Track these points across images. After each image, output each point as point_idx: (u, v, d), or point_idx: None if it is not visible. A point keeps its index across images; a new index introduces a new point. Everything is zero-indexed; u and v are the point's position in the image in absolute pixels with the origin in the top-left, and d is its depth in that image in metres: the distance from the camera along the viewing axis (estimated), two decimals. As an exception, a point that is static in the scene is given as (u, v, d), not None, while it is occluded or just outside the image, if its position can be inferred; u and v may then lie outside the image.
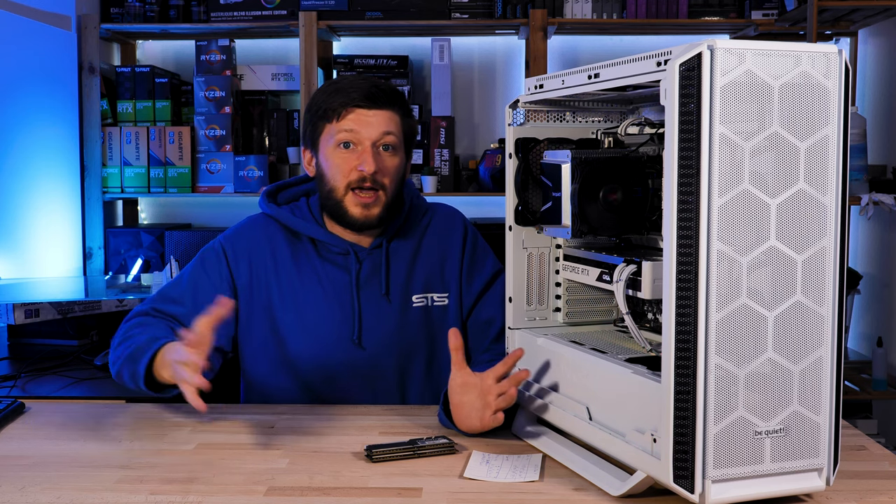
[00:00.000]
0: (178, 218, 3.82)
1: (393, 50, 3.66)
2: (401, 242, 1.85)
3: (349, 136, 1.74)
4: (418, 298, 1.84)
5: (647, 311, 1.52)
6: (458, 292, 1.87)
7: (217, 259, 1.83)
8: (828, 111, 1.20)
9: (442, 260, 1.87)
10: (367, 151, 1.74)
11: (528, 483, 1.36)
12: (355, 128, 1.74)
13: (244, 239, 1.84)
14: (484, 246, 1.92)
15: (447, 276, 1.87)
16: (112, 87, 3.57)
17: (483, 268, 1.88)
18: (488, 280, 1.87)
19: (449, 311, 1.86)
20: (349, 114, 1.74)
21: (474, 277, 1.87)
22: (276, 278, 1.81)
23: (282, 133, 3.60)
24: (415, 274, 1.85)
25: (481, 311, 1.86)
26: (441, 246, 1.88)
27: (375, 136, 1.74)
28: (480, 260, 1.89)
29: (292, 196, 1.91)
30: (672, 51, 1.18)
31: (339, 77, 1.80)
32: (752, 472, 1.20)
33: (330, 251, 1.82)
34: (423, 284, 1.85)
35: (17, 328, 2.61)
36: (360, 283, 1.81)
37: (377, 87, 1.76)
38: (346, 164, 1.75)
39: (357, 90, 1.74)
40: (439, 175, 3.47)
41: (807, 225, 1.20)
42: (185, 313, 1.77)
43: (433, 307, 1.85)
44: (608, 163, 1.47)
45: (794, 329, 1.21)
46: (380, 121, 1.75)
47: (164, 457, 1.49)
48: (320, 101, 1.77)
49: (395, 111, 1.77)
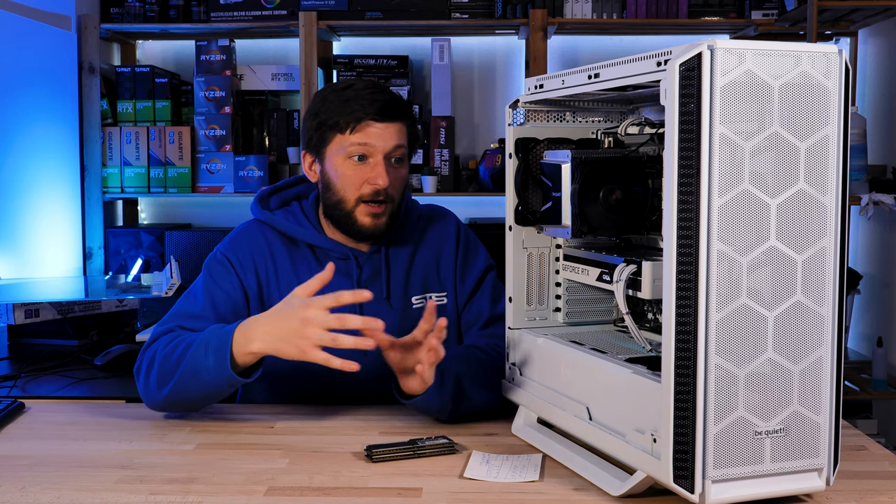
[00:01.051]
0: (178, 218, 3.82)
1: (393, 50, 3.66)
2: (398, 246, 1.85)
3: (363, 149, 1.73)
4: (417, 300, 1.84)
5: (647, 311, 1.52)
6: (454, 290, 1.88)
7: (224, 268, 1.81)
8: (828, 111, 1.20)
9: (437, 260, 1.88)
10: (380, 165, 1.73)
11: (528, 483, 1.36)
12: (369, 141, 1.72)
13: (245, 246, 1.83)
14: (475, 243, 1.93)
15: (443, 275, 1.88)
16: (112, 87, 3.57)
17: (475, 265, 1.90)
18: (479, 276, 1.89)
19: (447, 310, 1.86)
20: (363, 127, 1.72)
21: (466, 275, 1.89)
22: (276, 284, 1.81)
23: (282, 133, 3.60)
24: (413, 276, 1.85)
25: (472, 306, 1.87)
26: (436, 246, 1.89)
27: (388, 150, 1.73)
28: (472, 258, 1.90)
29: (284, 200, 1.89)
30: (672, 51, 1.18)
31: (344, 83, 1.76)
32: (752, 473, 1.20)
33: (329, 256, 1.82)
34: (421, 285, 1.85)
35: (17, 328, 2.61)
36: (361, 287, 1.80)
37: (391, 100, 1.74)
38: (358, 177, 1.74)
39: (370, 103, 1.72)
40: (439, 175, 3.47)
41: (807, 225, 1.20)
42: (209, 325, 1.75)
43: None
44: (608, 163, 1.47)
45: (794, 329, 1.21)
46: (392, 133, 1.74)
47: (164, 457, 1.49)
48: (330, 110, 1.74)
49: (405, 123, 1.77)
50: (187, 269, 3.28)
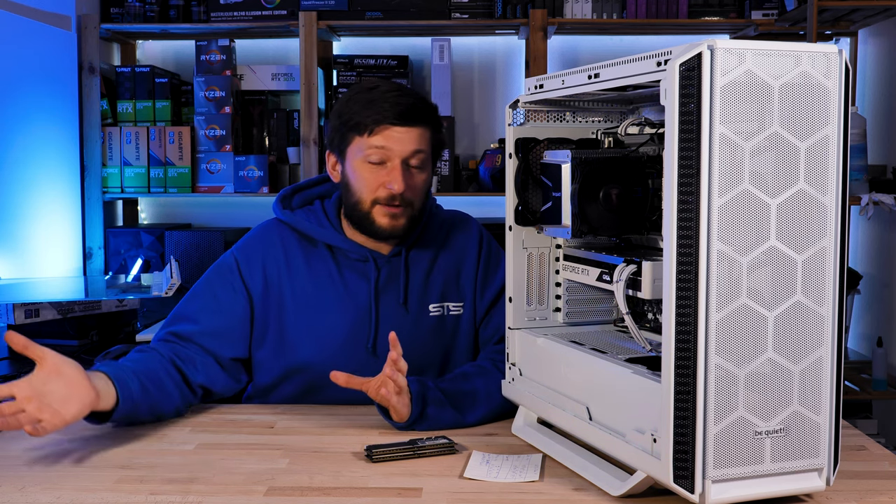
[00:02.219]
0: (178, 218, 3.82)
1: (393, 50, 3.66)
2: (419, 251, 1.84)
3: (380, 152, 1.72)
4: (435, 308, 1.84)
5: (647, 311, 1.52)
6: (473, 301, 1.87)
7: (230, 272, 1.81)
8: (828, 111, 1.20)
9: (458, 269, 1.87)
10: (396, 169, 1.72)
11: (528, 483, 1.36)
12: (387, 145, 1.71)
13: (257, 247, 1.83)
14: (497, 254, 1.91)
15: (463, 285, 1.86)
16: (112, 87, 3.57)
17: (495, 278, 1.87)
18: (499, 289, 1.86)
19: (462, 321, 1.86)
20: (382, 130, 1.71)
21: (487, 287, 1.87)
22: (289, 283, 1.80)
23: (282, 133, 3.60)
24: (432, 283, 1.84)
25: (491, 320, 1.86)
26: (458, 255, 1.87)
27: (406, 154, 1.72)
28: (494, 270, 1.88)
29: (306, 199, 1.89)
30: (672, 51, 1.18)
31: (371, 83, 1.76)
32: (752, 473, 1.20)
33: (348, 257, 1.82)
34: (439, 293, 1.84)
35: (17, 328, 2.60)
36: (379, 290, 1.80)
37: (413, 105, 1.72)
38: (374, 179, 1.73)
39: (392, 106, 1.70)
40: (439, 175, 3.47)
41: (807, 225, 1.20)
42: (197, 331, 1.76)
43: (448, 316, 1.85)
44: (608, 163, 1.47)
45: (794, 329, 1.21)
46: (412, 138, 1.72)
47: (164, 457, 1.49)
48: (353, 111, 1.73)
49: (427, 128, 1.75)
50: (187, 269, 3.28)
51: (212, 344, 1.76)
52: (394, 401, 1.57)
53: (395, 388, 1.57)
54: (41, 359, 1.44)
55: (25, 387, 1.40)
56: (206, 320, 1.77)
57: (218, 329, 1.77)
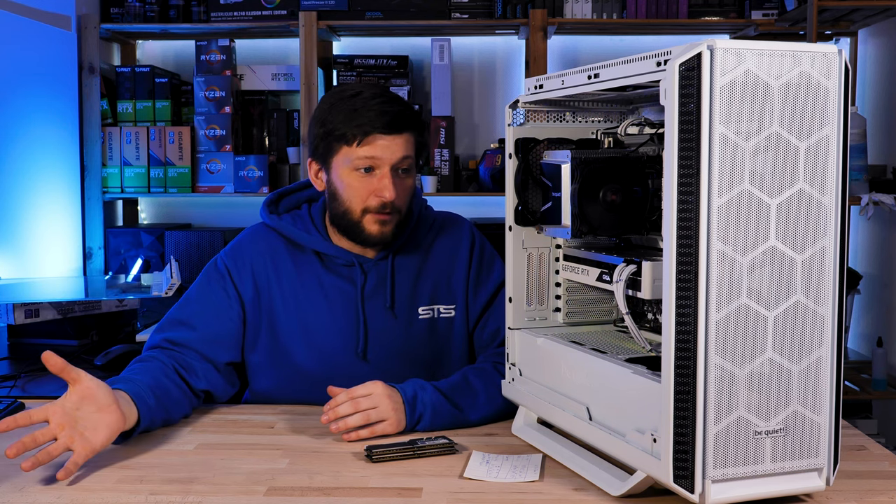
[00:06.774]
0: (178, 218, 3.82)
1: (393, 50, 3.66)
2: (406, 254, 1.84)
3: (370, 162, 1.71)
4: (424, 311, 1.83)
5: (647, 311, 1.52)
6: (465, 304, 1.86)
7: (221, 277, 1.81)
8: (828, 111, 1.20)
9: (449, 272, 1.86)
10: (386, 177, 1.71)
11: (528, 483, 1.36)
12: (376, 154, 1.70)
13: (246, 252, 1.83)
14: (491, 255, 1.90)
15: (454, 287, 1.85)
16: (112, 87, 3.57)
17: (489, 280, 1.86)
18: (493, 292, 1.85)
19: (455, 323, 1.85)
20: (370, 140, 1.70)
21: (480, 289, 1.86)
22: (279, 290, 1.80)
23: (282, 133, 3.60)
24: (421, 286, 1.83)
25: (487, 323, 1.85)
26: (448, 258, 1.86)
27: (395, 161, 1.71)
28: (486, 271, 1.87)
29: (294, 203, 1.89)
30: (672, 51, 1.18)
31: (352, 89, 1.74)
32: (752, 472, 1.20)
33: (334, 263, 1.81)
34: (429, 296, 1.83)
35: (17, 328, 2.60)
36: (365, 295, 1.80)
37: (399, 113, 1.71)
38: (364, 188, 1.72)
39: (378, 115, 1.69)
40: (439, 175, 3.47)
41: (807, 225, 1.20)
42: (195, 338, 1.75)
43: (439, 319, 1.84)
44: (608, 163, 1.47)
45: (794, 329, 1.21)
46: (399, 145, 1.71)
47: (164, 457, 1.49)
48: (337, 120, 1.71)
49: (413, 133, 1.74)
50: (187, 269, 3.28)
51: (210, 349, 1.75)
52: (378, 431, 1.57)
53: (358, 429, 1.56)
54: (76, 381, 1.43)
55: (59, 411, 1.40)
56: (204, 326, 1.77)
57: (215, 334, 1.77)
